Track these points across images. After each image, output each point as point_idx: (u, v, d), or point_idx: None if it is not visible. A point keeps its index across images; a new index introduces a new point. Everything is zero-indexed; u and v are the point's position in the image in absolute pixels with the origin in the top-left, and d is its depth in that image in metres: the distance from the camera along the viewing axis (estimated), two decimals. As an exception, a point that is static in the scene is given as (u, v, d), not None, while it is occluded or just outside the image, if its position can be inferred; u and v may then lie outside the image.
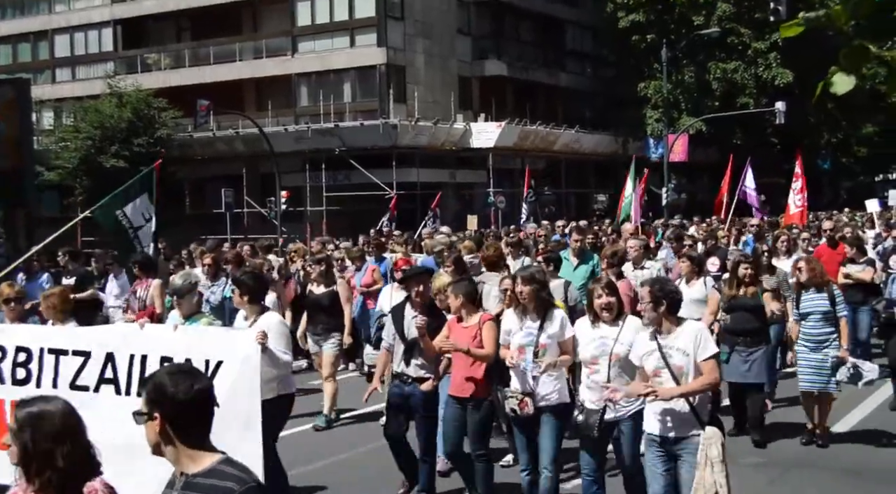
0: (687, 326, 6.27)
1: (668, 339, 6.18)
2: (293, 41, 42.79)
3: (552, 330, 7.09)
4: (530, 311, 7.16)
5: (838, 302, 9.42)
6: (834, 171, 66.43)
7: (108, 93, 40.22)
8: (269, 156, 35.00)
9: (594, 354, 6.85)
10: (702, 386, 6.10)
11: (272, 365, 6.99)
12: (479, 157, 41.86)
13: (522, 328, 7.17)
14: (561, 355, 7.10)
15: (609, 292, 6.91)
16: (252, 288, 7.70)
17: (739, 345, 9.52)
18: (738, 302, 9.64)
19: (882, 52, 12.04)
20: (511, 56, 46.88)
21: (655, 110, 47.14)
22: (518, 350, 7.15)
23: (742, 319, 9.57)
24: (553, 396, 7.12)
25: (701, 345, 6.11)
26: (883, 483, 8.46)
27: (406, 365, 7.89)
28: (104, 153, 37.96)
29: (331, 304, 10.93)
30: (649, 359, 6.23)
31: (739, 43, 47.48)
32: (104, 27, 47.49)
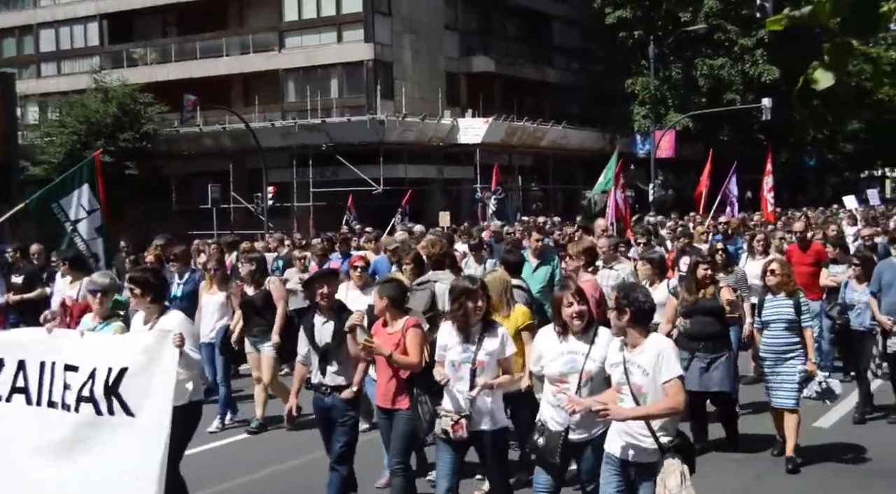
0: (651, 342, 5.67)
1: (633, 354, 5.65)
2: (280, 36, 42.69)
3: (492, 346, 6.47)
4: (471, 325, 6.50)
5: (804, 311, 8.74)
6: (820, 168, 66.74)
7: (93, 88, 40.05)
8: (255, 151, 34.98)
9: (562, 371, 6.12)
10: (662, 410, 5.52)
11: (186, 367, 6.54)
12: (466, 153, 41.87)
13: (459, 343, 6.54)
14: (501, 374, 6.54)
15: (580, 299, 6.17)
16: (154, 285, 7.07)
17: (700, 351, 8.88)
18: (697, 305, 9.03)
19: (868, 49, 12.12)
20: (498, 52, 46.88)
21: (642, 106, 47.25)
22: (455, 367, 6.55)
23: (702, 323, 8.96)
24: (491, 419, 6.50)
25: (664, 366, 5.52)
26: (871, 475, 8.50)
27: (322, 374, 7.36)
28: (90, 148, 37.59)
29: (264, 305, 10.52)
30: (615, 372, 5.76)
31: (726, 39, 47.64)
32: (90, 22, 47.26)
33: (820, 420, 10.28)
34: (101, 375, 5.95)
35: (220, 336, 10.79)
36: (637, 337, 5.65)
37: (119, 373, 5.92)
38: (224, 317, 10.94)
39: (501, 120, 42.46)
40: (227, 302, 10.96)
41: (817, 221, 24.23)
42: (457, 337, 6.54)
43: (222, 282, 11.15)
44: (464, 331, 6.51)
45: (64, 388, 6.09)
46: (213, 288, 11.12)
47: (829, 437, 9.66)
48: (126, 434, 5.85)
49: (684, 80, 48.05)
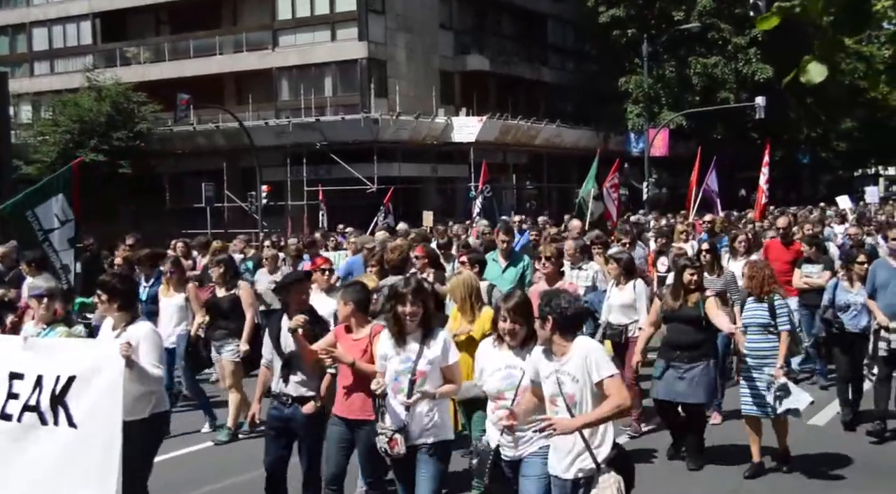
0: (577, 347, 5.32)
1: (561, 363, 5.31)
2: (274, 35, 42.62)
3: (433, 354, 6.04)
4: (410, 332, 6.09)
5: (780, 315, 8.42)
6: (813, 166, 66.92)
7: (86, 86, 39.96)
8: (249, 150, 34.96)
9: (499, 387, 5.75)
10: (609, 411, 5.18)
11: (142, 381, 6.18)
12: (460, 152, 41.85)
13: (399, 352, 6.11)
14: (444, 383, 6.12)
15: (515, 316, 5.69)
16: (122, 292, 6.65)
17: (676, 360, 8.52)
18: (678, 313, 8.64)
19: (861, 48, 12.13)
20: (493, 51, 46.86)
21: (636, 105, 47.27)
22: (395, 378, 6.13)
23: (680, 330, 8.60)
24: (431, 433, 6.05)
25: (593, 367, 5.20)
26: (866, 473, 8.51)
27: (285, 383, 6.91)
28: (83, 147, 37.67)
29: (231, 309, 10.19)
30: (547, 384, 5.39)
31: (720, 38, 47.69)
32: (83, 20, 47.13)
33: (815, 417, 10.29)
34: (49, 383, 5.72)
35: (184, 342, 10.42)
36: (562, 344, 5.33)
37: (67, 382, 5.68)
38: (183, 322, 10.59)
39: (496, 118, 42.45)
40: (186, 304, 10.61)
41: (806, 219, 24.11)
42: (395, 346, 6.13)
43: (180, 285, 10.79)
44: (400, 339, 6.10)
45: (8, 397, 5.87)
46: (171, 291, 10.75)
47: (824, 434, 9.66)
48: (73, 448, 5.64)
49: (678, 78, 48.08)
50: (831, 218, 25.78)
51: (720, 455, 8.92)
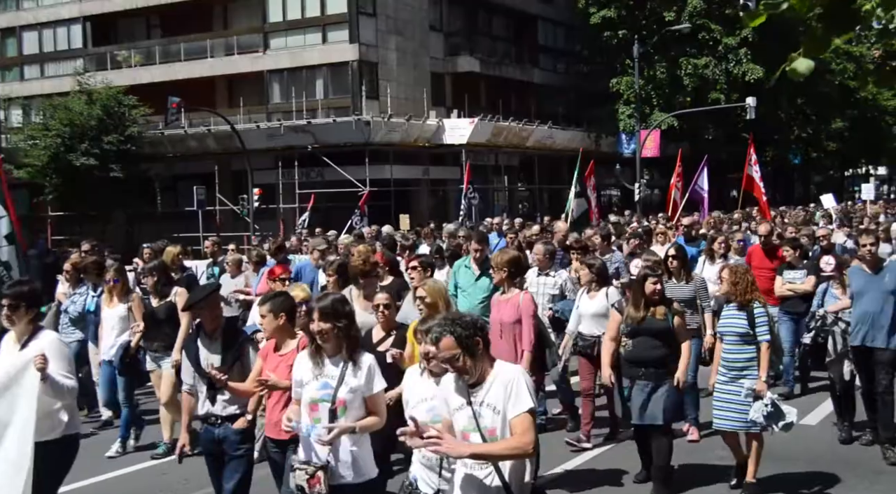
0: (499, 374, 4.66)
1: (479, 392, 4.64)
2: (265, 37, 42.58)
3: (357, 381, 5.43)
4: (329, 355, 5.49)
5: (759, 324, 7.95)
6: (805, 166, 67.06)
7: (77, 90, 39.85)
8: (241, 153, 34.94)
9: (424, 420, 4.95)
10: (504, 450, 4.50)
11: (55, 394, 5.80)
12: (452, 154, 41.86)
13: (318, 377, 5.49)
14: (368, 415, 5.50)
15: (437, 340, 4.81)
16: (28, 301, 6.15)
17: (641, 378, 7.92)
18: (644, 326, 7.99)
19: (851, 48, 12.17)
20: (484, 52, 46.89)
21: (627, 106, 47.31)
22: (310, 407, 5.47)
23: (645, 345, 7.94)
24: (354, 470, 5.46)
25: (512, 397, 4.55)
26: (858, 472, 8.53)
27: (211, 403, 6.48)
28: (74, 151, 37.60)
29: (167, 318, 9.77)
30: (459, 417, 4.70)
31: (710, 39, 47.78)
32: (73, 24, 47.01)
33: (808, 417, 10.32)
34: None
35: (120, 353, 10.04)
36: (481, 372, 4.65)
37: None
38: (125, 332, 10.14)
39: (487, 120, 42.46)
40: (129, 315, 10.18)
41: (796, 220, 23.93)
42: (313, 369, 5.55)
43: (123, 294, 10.31)
44: (317, 362, 5.52)
45: None
46: (114, 301, 10.26)
47: (816, 434, 9.67)
48: None
49: (669, 79, 48.15)
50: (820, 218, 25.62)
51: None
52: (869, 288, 9.07)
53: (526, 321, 8.42)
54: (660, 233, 15.28)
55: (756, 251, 12.71)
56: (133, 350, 9.98)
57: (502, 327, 8.48)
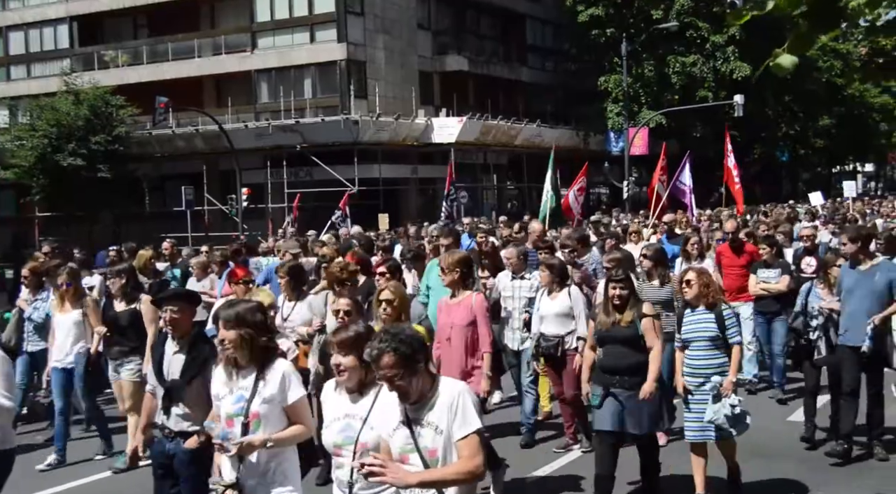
0: (443, 391, 4.34)
1: (419, 410, 4.33)
2: (252, 37, 42.50)
3: (270, 391, 5.08)
4: (242, 365, 5.13)
5: (729, 326, 7.63)
6: (792, 163, 67.29)
7: (64, 90, 39.69)
8: (229, 152, 34.86)
9: (335, 441, 4.72)
10: (455, 475, 4.22)
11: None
12: (441, 152, 41.86)
13: (232, 390, 5.15)
14: (289, 426, 5.13)
15: (348, 350, 4.66)
16: None
17: (615, 386, 7.49)
18: (612, 333, 7.59)
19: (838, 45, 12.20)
20: (472, 51, 46.90)
21: (616, 104, 47.42)
22: (226, 422, 5.11)
23: (617, 353, 7.54)
24: (271, 487, 5.09)
25: (458, 417, 4.25)
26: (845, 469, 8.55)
27: (166, 414, 5.99)
28: (61, 151, 37.44)
29: (130, 324, 9.32)
30: (397, 437, 4.39)
31: (698, 37, 47.90)
32: (60, 24, 46.83)
33: (794, 414, 10.34)
34: None
35: (82, 361, 9.66)
36: (421, 389, 4.34)
37: None
38: (81, 339, 9.74)
39: (475, 119, 42.49)
40: (84, 320, 9.76)
41: (778, 218, 23.84)
42: (227, 383, 5.18)
43: (76, 299, 9.83)
44: (231, 374, 5.16)
45: None
46: (66, 307, 9.79)
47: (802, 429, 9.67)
48: None
49: (657, 77, 48.25)
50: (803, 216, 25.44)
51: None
52: (858, 286, 8.86)
53: (482, 321, 8.04)
54: (633, 233, 14.99)
55: (725, 249, 12.38)
56: (94, 357, 9.68)
57: (453, 331, 8.02)
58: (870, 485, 8.14)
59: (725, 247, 12.36)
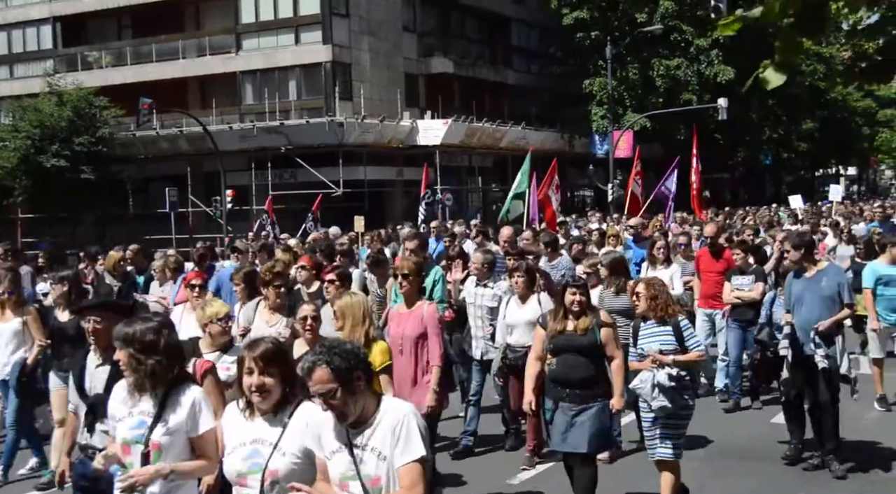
0: (387, 413, 4.03)
1: (361, 434, 4.02)
2: (237, 38, 42.39)
3: (176, 419, 4.59)
4: (145, 388, 4.63)
5: (688, 337, 7.25)
6: (775, 167, 67.66)
7: (47, 91, 39.50)
8: (213, 154, 34.75)
9: (240, 470, 4.31)
10: None
11: None
12: (426, 155, 41.81)
13: (132, 413, 4.65)
14: (196, 458, 4.64)
15: (265, 366, 4.27)
16: None
17: (565, 400, 7.04)
18: (570, 341, 7.11)
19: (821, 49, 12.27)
20: (457, 53, 46.93)
21: (600, 107, 47.56)
22: (122, 449, 4.62)
23: (571, 363, 7.06)
24: None
25: (401, 443, 3.96)
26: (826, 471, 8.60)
27: (90, 432, 5.49)
28: (44, 152, 37.25)
29: (77, 334, 8.25)
30: (337, 462, 4.06)
31: (682, 40, 48.11)
32: (43, 24, 46.58)
33: (777, 416, 10.38)
34: None
35: (16, 371, 9.10)
36: (364, 412, 4.01)
37: None
38: (21, 349, 9.17)
39: (461, 121, 42.50)
40: (24, 329, 9.19)
41: (762, 220, 23.89)
42: (125, 403, 4.71)
43: (17, 307, 9.26)
44: (133, 394, 4.68)
45: None
46: (7, 315, 9.23)
47: (785, 432, 9.72)
48: None
49: (641, 80, 48.43)
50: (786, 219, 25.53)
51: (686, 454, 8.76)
52: (806, 294, 8.65)
53: (433, 333, 7.78)
54: (612, 236, 14.62)
55: (703, 254, 12.04)
56: (29, 368, 9.10)
57: (403, 342, 7.76)
58: (852, 489, 8.18)
59: (704, 252, 12.09)
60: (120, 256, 12.45)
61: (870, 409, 10.76)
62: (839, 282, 8.67)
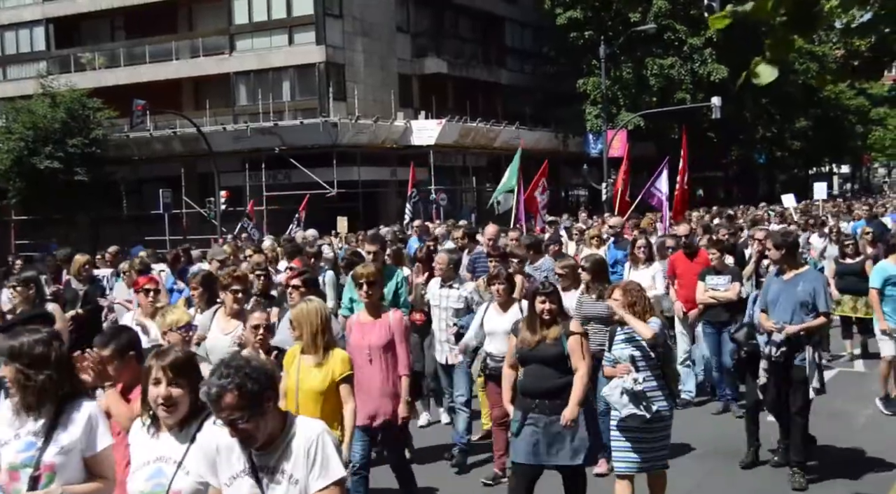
0: (299, 432, 3.76)
1: (269, 456, 3.74)
2: (231, 39, 42.34)
3: (70, 438, 4.22)
4: (34, 407, 4.23)
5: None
6: (769, 165, 67.81)
7: (40, 93, 39.42)
8: (207, 155, 34.72)
9: (143, 491, 4.06)
10: None
11: None
12: (420, 155, 41.84)
13: (19, 435, 4.25)
14: (92, 479, 4.28)
15: (173, 377, 4.02)
16: None
17: (535, 411, 6.68)
18: (536, 351, 6.79)
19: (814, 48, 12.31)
20: (451, 54, 46.92)
21: (594, 106, 47.59)
22: (9, 475, 4.20)
23: (539, 374, 6.74)
24: None
25: (317, 465, 3.69)
26: (818, 470, 8.60)
27: None
28: (38, 154, 37.18)
29: None
30: (238, 487, 3.76)
31: (675, 39, 48.19)
32: (36, 26, 46.50)
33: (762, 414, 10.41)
34: None
35: None
36: (273, 432, 3.72)
37: None
38: None
39: (455, 121, 42.51)
40: None
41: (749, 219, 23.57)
42: (13, 424, 4.28)
43: None
44: (19, 414, 4.28)
45: None
46: None
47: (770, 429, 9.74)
48: None
49: (635, 79, 48.48)
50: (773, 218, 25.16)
51: (678, 453, 8.73)
52: (781, 296, 8.30)
53: (400, 341, 7.40)
54: (594, 237, 14.16)
55: (678, 256, 11.50)
56: None
57: (371, 352, 7.30)
58: (847, 484, 8.20)
59: (679, 255, 11.54)
60: (85, 260, 11.94)
61: (864, 408, 10.78)
62: (816, 288, 8.22)
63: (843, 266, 13.14)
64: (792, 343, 8.08)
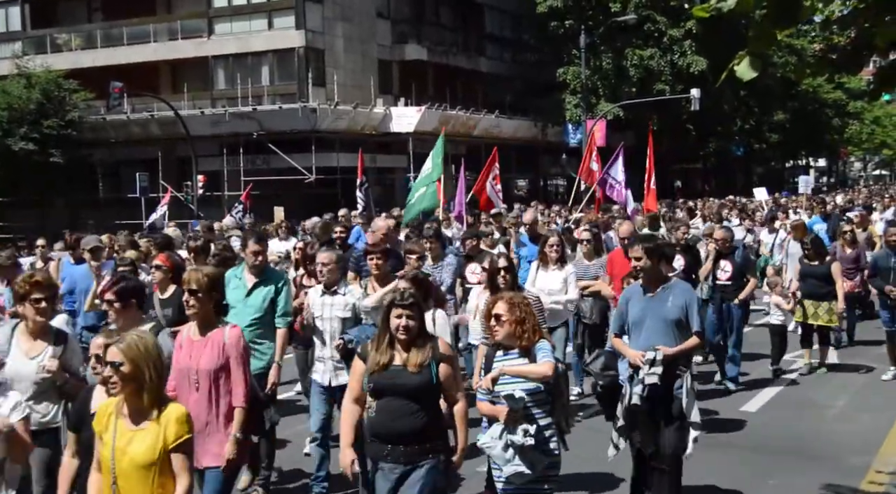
0: None
1: None
2: (209, 22, 42.05)
3: None
4: None
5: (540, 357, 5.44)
6: (747, 157, 68.18)
7: (16, 73, 39.05)
8: (185, 139, 34.51)
9: None
10: None
11: None
12: (399, 142, 41.79)
13: None
14: None
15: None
16: None
17: (387, 459, 5.29)
18: (388, 381, 5.25)
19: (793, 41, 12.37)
20: (431, 40, 46.82)
21: (574, 96, 47.65)
22: None
23: (396, 410, 5.31)
24: None
25: None
26: (789, 453, 8.70)
27: None
28: (12, 136, 36.84)
29: None
30: None
31: (655, 30, 48.29)
32: (11, 5, 45.99)
33: (747, 404, 10.52)
34: None
35: None
36: None
37: None
38: None
39: (434, 108, 42.46)
40: None
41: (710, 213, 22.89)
42: None
43: None
44: None
45: None
46: None
47: (754, 419, 9.85)
48: None
49: (615, 69, 48.56)
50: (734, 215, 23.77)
51: None
52: (647, 315, 6.88)
53: (236, 365, 5.85)
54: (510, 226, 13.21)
55: (617, 256, 10.28)
56: None
57: (199, 376, 5.81)
58: (821, 475, 8.27)
59: (618, 253, 10.35)
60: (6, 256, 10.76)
61: (836, 399, 10.90)
62: (687, 302, 6.84)
63: (807, 267, 12.15)
64: (665, 370, 6.63)
